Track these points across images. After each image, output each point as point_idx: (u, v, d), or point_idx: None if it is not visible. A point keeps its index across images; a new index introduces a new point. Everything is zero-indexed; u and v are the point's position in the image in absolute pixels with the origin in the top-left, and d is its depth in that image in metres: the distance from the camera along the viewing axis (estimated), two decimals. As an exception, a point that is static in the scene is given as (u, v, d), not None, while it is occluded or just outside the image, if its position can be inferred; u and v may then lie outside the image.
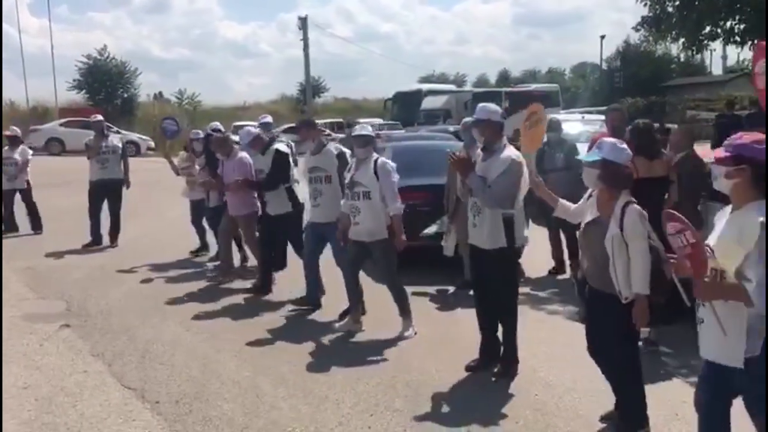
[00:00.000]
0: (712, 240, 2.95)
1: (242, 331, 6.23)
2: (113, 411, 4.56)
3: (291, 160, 7.77)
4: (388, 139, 12.13)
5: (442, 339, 5.89)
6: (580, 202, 4.22)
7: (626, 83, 39.44)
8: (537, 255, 8.10)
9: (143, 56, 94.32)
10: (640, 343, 4.09)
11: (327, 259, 6.85)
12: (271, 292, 7.46)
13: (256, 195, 7.66)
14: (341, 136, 19.08)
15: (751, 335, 2.77)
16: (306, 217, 7.26)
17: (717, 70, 51.80)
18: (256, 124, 10.38)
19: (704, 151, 7.02)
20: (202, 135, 9.03)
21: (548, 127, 9.27)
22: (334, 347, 5.82)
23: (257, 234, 7.79)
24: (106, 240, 10.23)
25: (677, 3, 15.15)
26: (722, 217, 2.98)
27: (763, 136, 2.93)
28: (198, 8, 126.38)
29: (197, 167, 9.00)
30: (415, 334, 5.97)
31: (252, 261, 8.37)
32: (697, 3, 14.81)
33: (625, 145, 3.92)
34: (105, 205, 10.23)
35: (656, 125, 7.51)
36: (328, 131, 34.13)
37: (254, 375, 5.16)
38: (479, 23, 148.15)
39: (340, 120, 32.21)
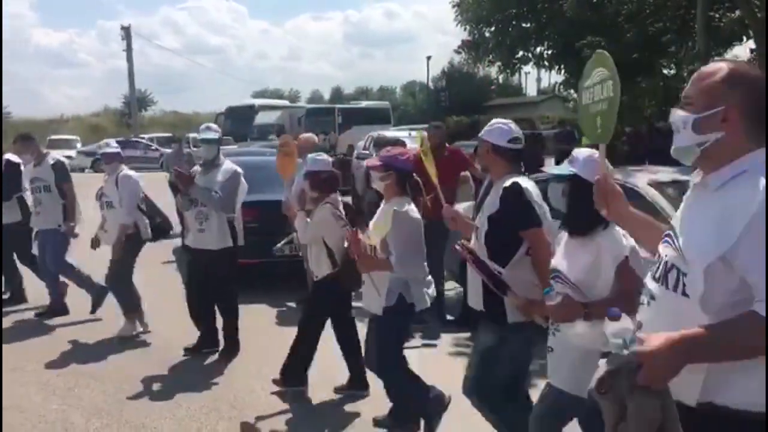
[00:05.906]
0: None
1: (49, 361, 5.72)
2: None
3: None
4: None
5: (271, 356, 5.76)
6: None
7: (451, 102, 41.47)
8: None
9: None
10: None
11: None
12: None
13: None
14: (168, 150, 18.28)
15: (390, 292, 3.90)
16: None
17: (532, 91, 56.17)
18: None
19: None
20: None
21: (377, 144, 9.48)
22: (153, 371, 5.46)
23: None
24: None
25: (493, 29, 16.26)
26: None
27: (406, 150, 4.20)
28: (6, 13, 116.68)
29: None
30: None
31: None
32: (510, 30, 15.98)
33: (324, 156, 4.90)
34: None
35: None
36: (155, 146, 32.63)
37: (64, 407, 4.75)
38: (311, 40, 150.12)
39: (169, 134, 30.76)
